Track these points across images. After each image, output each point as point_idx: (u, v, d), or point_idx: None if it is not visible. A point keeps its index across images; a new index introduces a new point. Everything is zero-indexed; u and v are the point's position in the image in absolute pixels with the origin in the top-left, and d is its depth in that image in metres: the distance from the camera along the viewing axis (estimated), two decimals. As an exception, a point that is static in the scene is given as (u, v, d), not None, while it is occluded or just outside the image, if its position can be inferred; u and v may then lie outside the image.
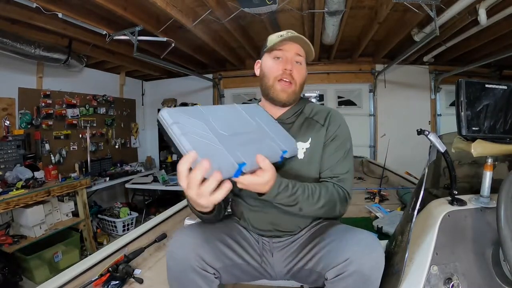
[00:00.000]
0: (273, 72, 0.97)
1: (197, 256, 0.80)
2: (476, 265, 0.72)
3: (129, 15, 2.37)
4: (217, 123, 0.74)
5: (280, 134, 0.89)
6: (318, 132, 0.98)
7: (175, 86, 5.10)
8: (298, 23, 3.01)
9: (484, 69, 4.02)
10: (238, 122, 0.82)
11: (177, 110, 0.71)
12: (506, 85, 0.74)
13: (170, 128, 0.66)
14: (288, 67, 0.94)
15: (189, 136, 0.65)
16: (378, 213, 1.97)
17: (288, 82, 0.96)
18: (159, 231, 1.64)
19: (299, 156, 0.95)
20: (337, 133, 0.97)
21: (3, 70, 2.95)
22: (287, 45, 0.96)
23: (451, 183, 0.81)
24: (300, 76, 0.98)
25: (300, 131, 0.99)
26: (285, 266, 0.95)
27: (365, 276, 0.71)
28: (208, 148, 0.65)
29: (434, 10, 2.12)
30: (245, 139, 0.76)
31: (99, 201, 4.04)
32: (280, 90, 0.96)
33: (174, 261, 0.81)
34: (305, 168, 0.94)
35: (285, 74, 0.95)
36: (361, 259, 0.71)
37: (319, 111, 1.03)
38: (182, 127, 0.66)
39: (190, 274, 0.80)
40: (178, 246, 0.82)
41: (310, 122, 1.01)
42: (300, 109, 1.04)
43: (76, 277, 1.14)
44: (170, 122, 0.66)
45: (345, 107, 4.68)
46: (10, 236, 2.46)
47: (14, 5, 2.17)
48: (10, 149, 2.85)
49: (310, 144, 0.96)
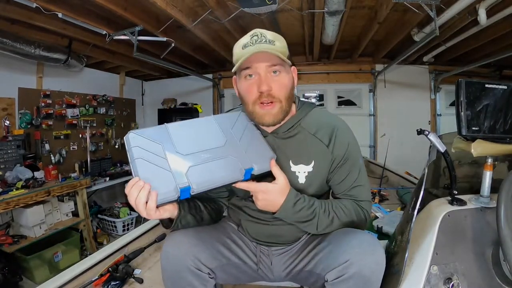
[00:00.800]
0: (249, 95, 0.83)
1: (192, 256, 0.79)
2: (476, 265, 0.72)
3: (129, 15, 2.37)
4: (178, 142, 0.78)
5: (255, 148, 0.83)
6: (323, 155, 0.87)
7: (175, 86, 5.11)
8: (298, 23, 3.01)
9: (484, 69, 4.02)
10: (205, 138, 0.82)
11: (142, 132, 0.78)
12: (506, 85, 0.74)
13: (129, 151, 0.74)
14: (263, 88, 0.79)
15: (141, 161, 0.72)
16: (378, 213, 1.96)
17: (270, 103, 0.81)
18: (159, 231, 1.63)
19: (300, 181, 0.87)
20: (347, 155, 0.87)
21: (3, 70, 2.95)
22: (254, 58, 0.79)
23: (451, 183, 0.81)
24: (283, 89, 0.82)
25: (300, 150, 0.88)
26: (284, 269, 0.94)
27: (366, 278, 0.70)
28: (155, 171, 0.72)
29: (434, 10, 2.12)
30: (204, 157, 0.77)
31: (99, 201, 4.04)
32: (262, 114, 0.82)
33: (169, 261, 0.80)
34: (304, 193, 0.85)
35: (263, 96, 0.80)
36: (361, 261, 0.70)
37: (322, 125, 0.89)
38: (139, 151, 0.74)
39: (185, 274, 0.79)
40: (173, 245, 0.81)
41: (313, 140, 0.88)
42: (298, 121, 0.90)
43: (76, 277, 1.14)
44: (130, 146, 0.74)
45: (345, 107, 4.68)
46: (10, 236, 2.47)
47: (14, 5, 2.16)
48: (10, 149, 2.85)
49: (313, 168, 0.87)
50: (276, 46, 0.80)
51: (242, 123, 0.89)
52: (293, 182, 0.85)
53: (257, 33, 0.81)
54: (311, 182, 0.88)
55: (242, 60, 0.79)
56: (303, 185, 0.88)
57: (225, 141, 0.83)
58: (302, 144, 0.88)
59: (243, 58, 0.78)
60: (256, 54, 0.78)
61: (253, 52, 0.77)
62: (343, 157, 0.87)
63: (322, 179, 0.90)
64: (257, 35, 0.81)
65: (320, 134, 0.88)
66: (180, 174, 0.72)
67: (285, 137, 0.89)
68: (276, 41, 0.81)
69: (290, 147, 0.89)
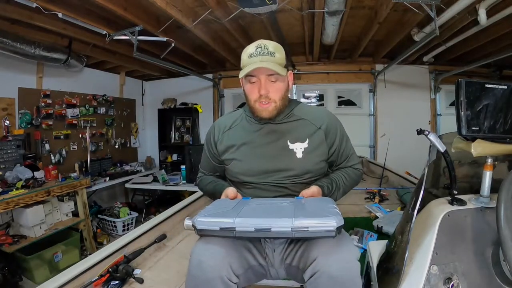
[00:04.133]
0: (251, 95, 1.03)
1: (227, 265, 0.80)
2: (476, 265, 0.72)
3: (129, 15, 2.37)
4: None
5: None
6: (316, 134, 1.06)
7: (175, 86, 5.11)
8: (298, 23, 3.01)
9: (484, 69, 4.02)
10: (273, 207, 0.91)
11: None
12: (506, 85, 0.74)
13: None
14: (262, 92, 0.99)
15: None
16: (378, 213, 1.97)
17: (266, 103, 1.01)
18: (159, 231, 1.64)
19: (298, 156, 1.03)
20: (336, 134, 1.08)
21: (3, 70, 2.95)
22: (257, 70, 0.98)
23: (451, 183, 0.81)
24: (278, 93, 1.02)
25: (295, 132, 1.06)
26: (281, 263, 0.95)
27: (335, 278, 0.70)
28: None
29: (434, 10, 2.12)
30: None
31: (99, 201, 4.04)
32: (261, 110, 1.02)
33: (202, 271, 0.78)
34: (304, 166, 1.03)
35: (261, 97, 1.00)
36: (327, 260, 0.71)
37: (312, 112, 1.11)
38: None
39: (216, 282, 0.78)
40: (207, 255, 0.80)
41: (306, 123, 1.08)
42: (291, 111, 1.09)
43: (76, 277, 1.14)
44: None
45: (345, 107, 4.68)
46: (10, 236, 2.47)
47: (14, 5, 2.16)
48: (10, 149, 2.85)
49: (308, 144, 1.04)
50: (276, 57, 0.98)
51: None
52: (293, 158, 1.03)
53: (261, 44, 1.00)
54: (307, 156, 1.03)
55: (247, 70, 0.97)
56: (301, 159, 1.03)
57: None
58: (296, 127, 1.07)
59: (248, 69, 0.97)
60: (259, 66, 0.96)
61: (256, 67, 0.96)
62: (335, 135, 1.07)
63: (318, 156, 1.05)
64: (261, 46, 0.99)
65: (311, 117, 1.08)
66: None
67: (281, 122, 1.08)
68: (276, 53, 0.99)
69: (286, 129, 1.07)
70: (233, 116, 1.17)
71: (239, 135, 1.10)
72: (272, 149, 1.05)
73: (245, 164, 1.06)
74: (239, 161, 1.07)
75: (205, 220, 0.79)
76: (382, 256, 0.92)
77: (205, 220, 0.79)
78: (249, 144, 1.07)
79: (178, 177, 3.84)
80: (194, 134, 4.92)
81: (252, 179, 1.05)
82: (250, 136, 1.08)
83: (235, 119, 1.15)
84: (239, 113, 1.17)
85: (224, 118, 1.20)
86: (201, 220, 0.79)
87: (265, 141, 1.06)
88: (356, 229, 1.66)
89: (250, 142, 1.07)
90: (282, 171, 1.03)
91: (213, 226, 0.77)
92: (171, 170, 4.54)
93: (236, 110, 1.21)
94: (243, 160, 1.07)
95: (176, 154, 5.00)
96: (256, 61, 0.97)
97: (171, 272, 1.34)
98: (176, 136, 5.07)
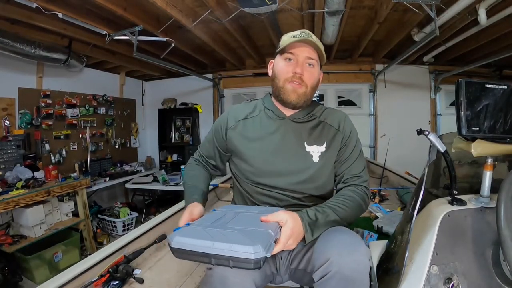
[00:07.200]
0: (283, 74, 0.97)
1: (251, 281, 0.77)
2: (476, 265, 0.72)
3: (129, 15, 2.37)
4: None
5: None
6: (334, 137, 1.00)
7: (175, 86, 5.10)
8: (298, 23, 3.01)
9: (484, 69, 4.01)
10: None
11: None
12: (506, 85, 0.74)
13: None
14: (298, 70, 0.94)
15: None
16: (378, 213, 1.96)
17: (298, 84, 0.96)
18: (159, 232, 1.63)
19: (314, 160, 0.98)
20: (351, 137, 1.02)
21: (3, 70, 2.95)
22: (299, 47, 0.94)
23: (451, 183, 0.81)
24: (312, 79, 0.97)
25: (313, 134, 1.01)
26: (287, 269, 0.94)
27: (347, 278, 0.70)
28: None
29: (434, 10, 2.12)
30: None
31: (99, 201, 4.04)
32: (290, 90, 0.96)
33: (226, 287, 0.74)
34: (319, 172, 0.98)
35: (295, 77, 0.95)
36: (340, 260, 0.71)
37: (332, 114, 1.05)
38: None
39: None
40: (233, 270, 0.72)
41: (324, 125, 1.02)
42: (312, 111, 1.04)
43: (76, 277, 1.14)
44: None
45: (345, 107, 4.67)
46: (10, 236, 2.47)
47: (14, 5, 2.16)
48: (10, 149, 2.85)
49: (325, 148, 0.99)
50: (319, 46, 0.96)
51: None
52: (308, 161, 0.97)
53: (306, 31, 0.96)
54: (325, 161, 0.98)
55: (290, 42, 0.93)
56: (318, 163, 0.98)
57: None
58: (315, 128, 1.02)
59: (291, 40, 0.93)
60: (302, 44, 0.94)
61: (300, 40, 0.93)
62: (348, 138, 1.01)
63: (334, 159, 1.00)
64: (305, 32, 0.96)
65: (330, 120, 1.03)
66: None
67: (300, 121, 1.02)
68: (319, 44, 0.96)
69: (304, 130, 1.01)
70: (250, 106, 1.10)
71: (254, 128, 1.03)
72: (288, 150, 0.98)
73: (256, 162, 0.99)
74: (250, 157, 1.00)
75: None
76: (382, 256, 0.92)
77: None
78: (264, 140, 1.00)
79: (178, 177, 3.84)
80: (194, 134, 4.92)
81: (262, 180, 0.99)
82: (266, 132, 1.01)
83: (252, 109, 1.08)
84: (257, 104, 1.09)
85: (241, 106, 1.12)
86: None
87: (281, 139, 0.99)
88: (356, 229, 1.66)
89: (265, 138, 1.00)
90: (294, 173, 0.97)
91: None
92: (171, 170, 4.55)
93: (253, 100, 1.14)
94: (255, 156, 1.00)
95: (176, 154, 5.00)
96: (299, 40, 0.93)
97: (171, 272, 1.34)
98: (176, 136, 5.07)
